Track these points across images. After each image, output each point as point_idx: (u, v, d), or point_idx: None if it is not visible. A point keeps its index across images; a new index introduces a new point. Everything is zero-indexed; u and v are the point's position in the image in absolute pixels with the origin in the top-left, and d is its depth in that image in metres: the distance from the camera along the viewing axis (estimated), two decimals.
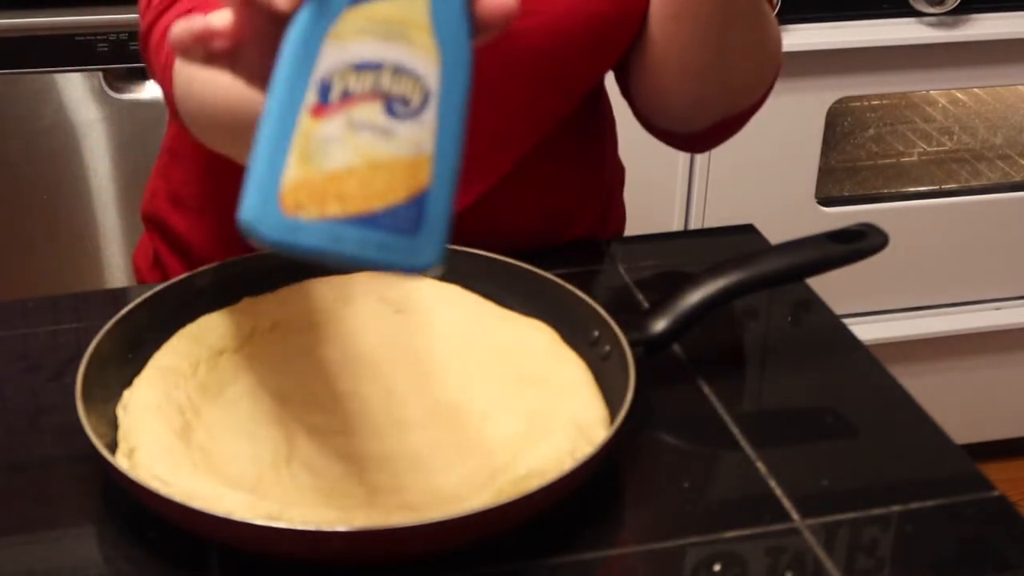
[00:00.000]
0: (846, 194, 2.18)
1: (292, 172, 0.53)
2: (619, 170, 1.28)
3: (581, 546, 0.80)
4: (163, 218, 1.21)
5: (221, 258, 1.11)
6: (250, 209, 0.53)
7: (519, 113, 1.09)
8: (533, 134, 1.11)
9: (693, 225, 2.01)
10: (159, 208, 1.21)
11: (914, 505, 0.85)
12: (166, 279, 1.19)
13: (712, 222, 1.99)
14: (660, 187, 1.98)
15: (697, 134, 1.15)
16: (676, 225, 2.03)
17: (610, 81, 1.24)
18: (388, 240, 0.56)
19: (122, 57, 1.75)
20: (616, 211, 1.27)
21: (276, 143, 0.53)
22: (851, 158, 2.25)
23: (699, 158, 1.98)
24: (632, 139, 1.30)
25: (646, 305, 1.05)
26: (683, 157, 1.98)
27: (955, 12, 1.95)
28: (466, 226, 1.11)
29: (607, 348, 0.92)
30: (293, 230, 0.54)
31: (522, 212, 1.14)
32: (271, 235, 0.54)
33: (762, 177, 2.01)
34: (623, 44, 1.12)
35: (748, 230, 1.21)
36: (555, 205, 1.16)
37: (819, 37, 1.93)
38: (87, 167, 1.80)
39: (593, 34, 1.06)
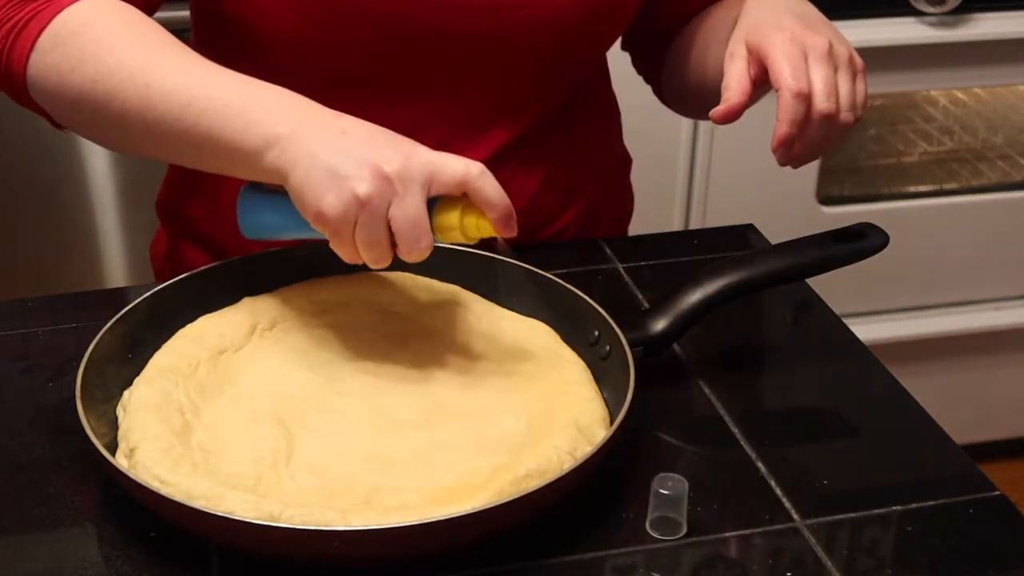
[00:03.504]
0: (847, 194, 2.18)
1: None
2: (624, 155, 1.29)
3: (581, 546, 0.80)
4: (179, 206, 1.21)
5: (235, 244, 1.12)
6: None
7: (515, 89, 1.11)
8: (533, 108, 1.13)
9: (693, 225, 2.01)
10: (176, 197, 1.22)
11: (914, 505, 0.85)
12: (181, 270, 1.19)
13: (712, 222, 1.99)
14: (660, 187, 1.98)
15: None
16: (676, 225, 2.03)
17: (615, 75, 1.24)
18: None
19: None
20: (623, 193, 1.29)
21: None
22: (852, 157, 2.25)
23: (699, 158, 1.98)
24: (632, 140, 1.30)
25: (646, 305, 1.05)
26: (683, 157, 1.98)
27: (956, 12, 1.95)
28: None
29: (607, 348, 0.92)
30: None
31: (529, 183, 1.15)
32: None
33: (762, 177, 2.00)
34: (622, 22, 1.14)
35: (748, 230, 1.21)
36: (560, 179, 1.17)
37: None
38: (87, 167, 1.79)
39: (589, 9, 1.08)
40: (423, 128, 1.09)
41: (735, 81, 0.96)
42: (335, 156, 0.82)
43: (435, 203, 0.84)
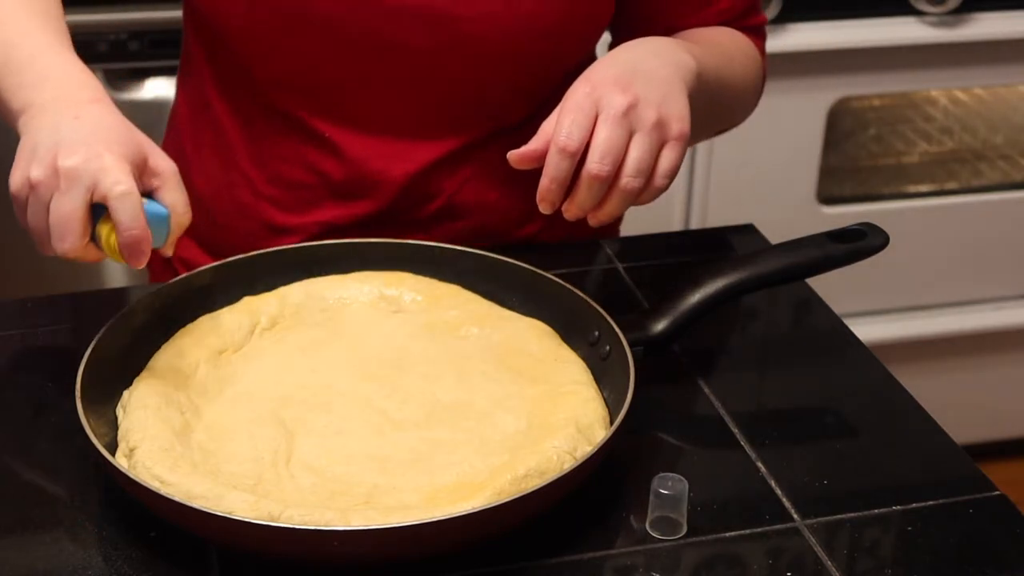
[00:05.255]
0: (847, 194, 2.18)
1: None
2: None
3: (581, 546, 0.80)
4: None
5: (209, 232, 1.12)
6: None
7: (463, 102, 1.10)
8: (484, 121, 1.12)
9: (693, 225, 2.01)
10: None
11: (914, 505, 0.85)
12: (167, 261, 1.19)
13: (712, 222, 1.99)
14: None
15: None
16: (676, 225, 2.03)
17: None
18: None
19: (122, 57, 1.75)
20: None
21: None
22: (852, 158, 2.25)
23: (699, 158, 1.98)
24: None
25: (646, 305, 1.05)
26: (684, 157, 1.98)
27: (956, 12, 1.95)
28: (439, 201, 1.12)
29: (607, 348, 0.92)
30: None
31: (489, 187, 1.15)
32: None
33: (762, 177, 2.01)
34: (576, 46, 1.12)
35: (748, 230, 1.21)
36: (528, 181, 1.16)
37: (819, 37, 1.93)
38: None
39: (539, 32, 1.06)
40: (369, 129, 1.09)
41: (546, 127, 0.93)
42: (45, 136, 0.87)
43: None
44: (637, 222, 1.32)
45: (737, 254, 0.98)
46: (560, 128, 0.90)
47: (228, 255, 1.08)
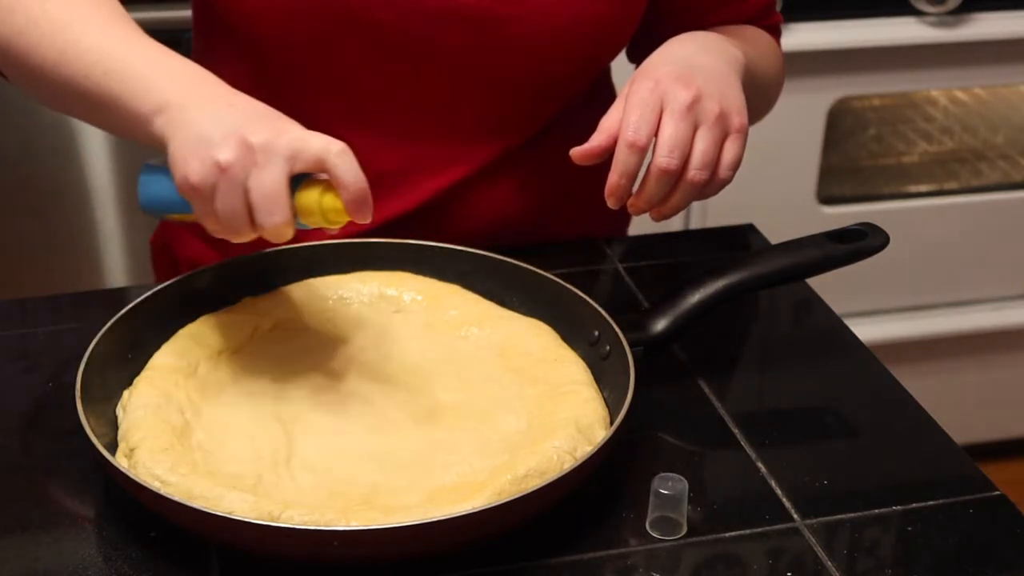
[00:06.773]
0: (847, 194, 2.18)
1: None
2: None
3: (581, 546, 0.80)
4: None
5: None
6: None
7: (501, 104, 1.10)
8: (518, 125, 1.12)
9: (693, 225, 2.01)
10: None
11: (914, 505, 0.85)
12: (175, 262, 1.19)
13: (712, 222, 1.99)
14: None
15: None
16: (676, 225, 2.03)
17: (614, 76, 1.24)
18: None
19: None
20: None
21: None
22: (852, 158, 2.25)
23: None
24: None
25: (646, 305, 1.05)
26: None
27: (956, 12, 1.95)
28: (461, 210, 1.12)
29: (607, 348, 0.92)
30: None
31: (520, 195, 1.15)
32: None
33: (762, 177, 2.00)
34: (615, 45, 1.13)
35: (748, 230, 1.21)
36: (553, 188, 1.17)
37: (819, 37, 1.93)
38: (87, 167, 1.79)
39: (582, 31, 1.07)
40: (411, 140, 1.09)
41: (607, 123, 0.94)
42: (210, 124, 0.82)
43: (301, 183, 0.84)
44: (637, 222, 1.31)
45: (737, 254, 0.98)
46: (627, 124, 0.92)
47: (234, 253, 1.08)
